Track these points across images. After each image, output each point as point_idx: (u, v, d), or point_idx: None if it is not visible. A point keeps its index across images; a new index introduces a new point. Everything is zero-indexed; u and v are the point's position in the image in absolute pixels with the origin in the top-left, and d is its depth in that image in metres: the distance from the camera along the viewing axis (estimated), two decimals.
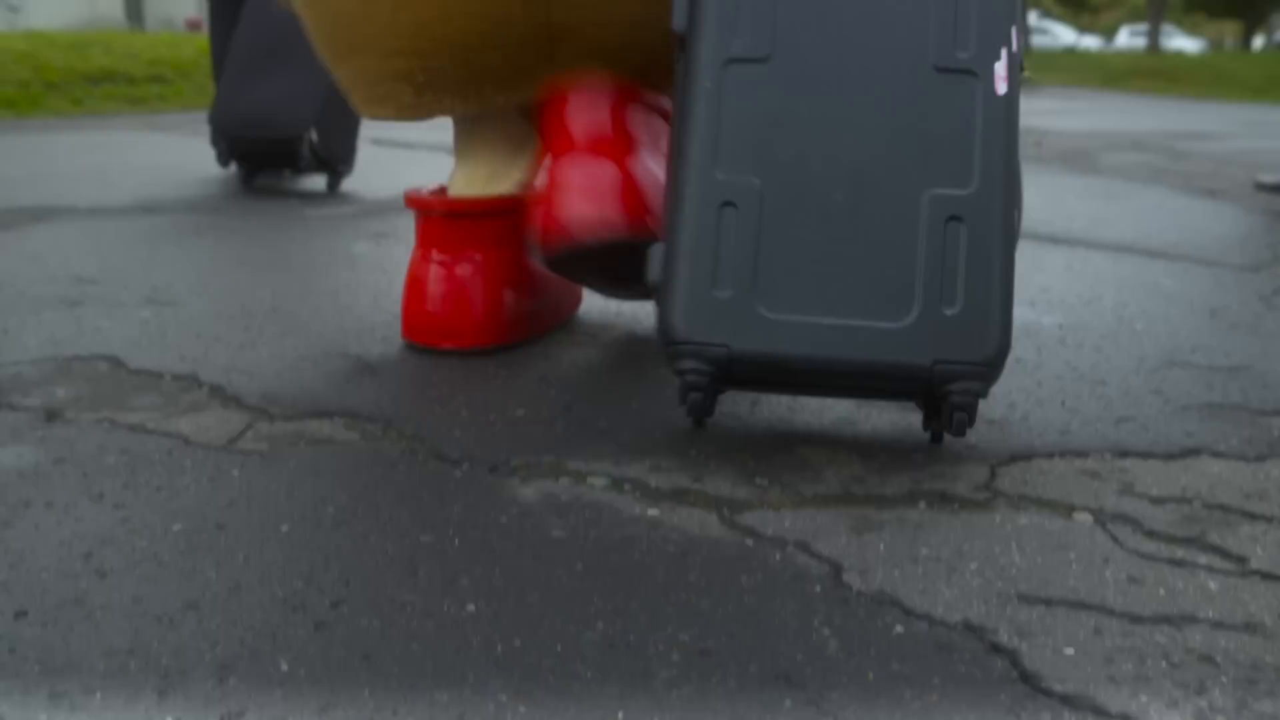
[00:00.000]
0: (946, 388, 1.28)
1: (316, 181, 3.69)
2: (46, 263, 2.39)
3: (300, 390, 1.56)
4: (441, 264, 1.74)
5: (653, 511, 1.18)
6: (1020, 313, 2.08)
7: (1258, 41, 28.00)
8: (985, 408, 1.53)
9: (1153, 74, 15.50)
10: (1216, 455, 1.40)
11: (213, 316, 1.95)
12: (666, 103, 1.71)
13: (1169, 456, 1.39)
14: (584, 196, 1.51)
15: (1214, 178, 4.40)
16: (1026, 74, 1.55)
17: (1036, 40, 28.56)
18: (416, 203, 1.76)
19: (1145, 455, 1.39)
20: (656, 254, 1.34)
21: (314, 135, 3.37)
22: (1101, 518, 1.19)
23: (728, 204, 1.31)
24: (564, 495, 1.22)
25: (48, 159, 4.55)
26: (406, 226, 2.87)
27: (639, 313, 2.02)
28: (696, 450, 1.36)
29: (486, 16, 1.56)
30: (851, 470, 1.31)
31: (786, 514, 1.18)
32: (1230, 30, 34.15)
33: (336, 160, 3.50)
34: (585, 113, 1.58)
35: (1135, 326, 2.01)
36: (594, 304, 2.08)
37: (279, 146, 3.43)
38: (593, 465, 1.30)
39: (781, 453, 1.36)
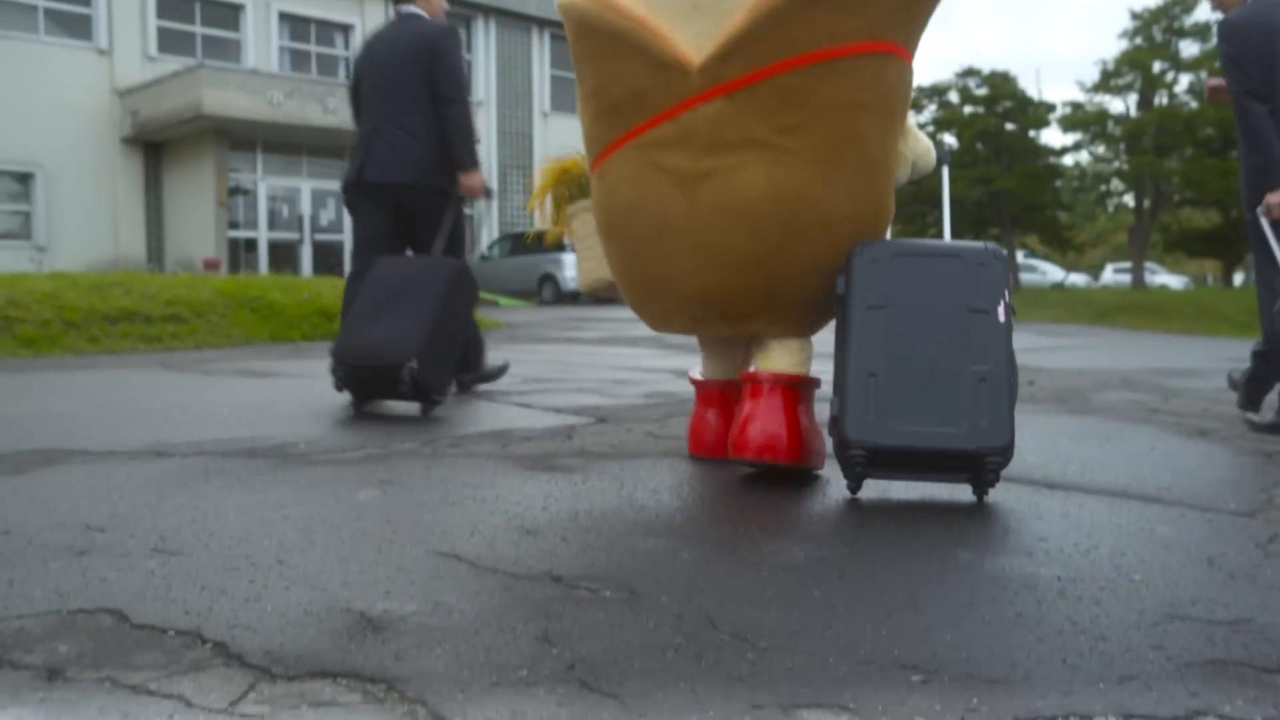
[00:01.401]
0: (983, 460, 2.49)
1: (325, 420, 3.77)
2: (56, 509, 2.43)
3: (303, 648, 1.56)
4: (716, 412, 3.20)
5: None
6: (1018, 564, 2.10)
7: (1238, 277, 28.87)
8: (987, 668, 1.54)
9: (1139, 309, 15.96)
10: (1222, 718, 1.39)
11: (218, 568, 1.96)
12: None
13: None
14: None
15: (1204, 417, 4.47)
16: (1014, 312, 2.63)
17: (1026, 278, 29.52)
18: (695, 382, 3.25)
19: (1150, 718, 1.38)
20: (835, 402, 2.58)
21: (414, 363, 3.87)
22: None
23: (871, 375, 2.55)
24: None
25: (62, 398, 4.66)
26: (411, 473, 2.92)
27: (637, 574, 2.04)
28: (696, 697, 1.35)
29: (739, 287, 2.76)
30: None
31: None
32: (1211, 267, 35.28)
33: (432, 389, 3.98)
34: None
35: (1133, 577, 2.02)
36: (594, 560, 2.10)
37: (384, 374, 3.95)
38: None
39: None
